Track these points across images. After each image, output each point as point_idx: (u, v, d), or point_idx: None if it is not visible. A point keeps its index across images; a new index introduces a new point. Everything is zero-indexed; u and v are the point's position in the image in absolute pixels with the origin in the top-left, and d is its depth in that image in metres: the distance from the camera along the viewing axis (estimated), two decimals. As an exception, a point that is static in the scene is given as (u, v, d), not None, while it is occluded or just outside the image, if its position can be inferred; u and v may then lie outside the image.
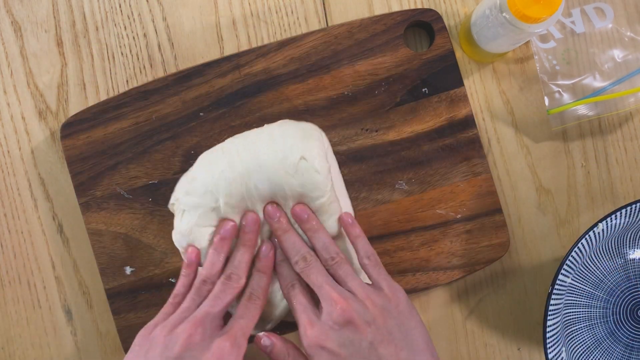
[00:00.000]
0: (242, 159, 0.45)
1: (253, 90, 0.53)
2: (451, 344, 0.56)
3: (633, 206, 0.50)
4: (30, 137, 0.56)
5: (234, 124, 0.53)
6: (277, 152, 0.44)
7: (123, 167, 0.53)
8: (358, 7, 0.56)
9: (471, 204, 0.53)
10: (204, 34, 0.56)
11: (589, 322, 0.55)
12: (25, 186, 0.56)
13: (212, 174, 0.45)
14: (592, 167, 0.56)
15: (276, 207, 0.46)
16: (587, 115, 0.56)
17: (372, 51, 0.54)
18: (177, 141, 0.53)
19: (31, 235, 0.55)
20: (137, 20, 0.56)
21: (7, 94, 0.56)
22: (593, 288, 0.55)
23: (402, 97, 0.54)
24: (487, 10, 0.49)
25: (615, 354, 0.55)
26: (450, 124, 0.54)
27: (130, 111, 0.53)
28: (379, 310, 0.42)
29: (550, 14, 0.45)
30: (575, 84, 0.56)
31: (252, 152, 0.45)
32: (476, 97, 0.56)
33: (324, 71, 0.53)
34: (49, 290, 0.55)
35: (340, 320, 0.41)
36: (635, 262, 0.56)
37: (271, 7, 0.56)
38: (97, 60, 0.56)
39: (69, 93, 0.56)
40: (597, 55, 0.56)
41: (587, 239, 0.50)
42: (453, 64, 0.54)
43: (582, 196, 0.56)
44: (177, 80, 0.53)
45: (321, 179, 0.44)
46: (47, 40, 0.56)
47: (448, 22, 0.56)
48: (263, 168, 0.44)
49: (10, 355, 0.55)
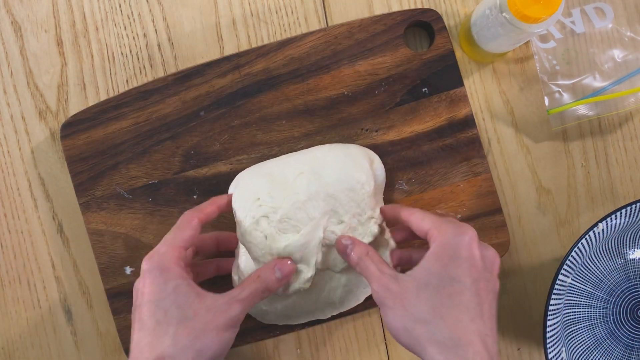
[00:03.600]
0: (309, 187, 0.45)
1: (253, 90, 0.53)
2: (451, 344, 0.56)
3: (633, 206, 0.50)
4: (30, 137, 0.56)
5: (234, 124, 0.53)
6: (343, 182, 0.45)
7: (123, 167, 0.53)
8: (358, 7, 0.56)
9: (471, 204, 0.53)
10: (204, 34, 0.56)
11: (589, 322, 0.55)
12: (25, 186, 0.55)
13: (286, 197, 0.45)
14: (592, 167, 0.56)
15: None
16: (587, 115, 0.56)
17: (372, 51, 0.54)
18: (177, 141, 0.53)
19: (31, 235, 0.55)
20: (137, 20, 0.56)
21: (7, 94, 0.56)
22: (593, 288, 0.55)
23: (402, 97, 0.54)
24: (487, 10, 0.49)
25: (615, 354, 0.55)
26: (450, 124, 0.54)
27: (130, 111, 0.53)
28: None
29: (550, 14, 0.45)
30: (575, 84, 0.56)
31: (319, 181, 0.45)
32: (476, 97, 0.56)
33: (324, 71, 0.53)
34: (49, 290, 0.55)
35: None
36: (635, 262, 0.56)
37: (271, 7, 0.56)
38: (97, 60, 0.56)
39: (69, 93, 0.56)
40: (597, 55, 0.56)
41: (587, 239, 0.50)
42: (453, 64, 0.54)
43: (582, 196, 0.56)
44: (177, 80, 0.53)
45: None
46: (47, 40, 0.56)
47: (448, 22, 0.56)
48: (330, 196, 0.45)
49: (10, 355, 0.55)
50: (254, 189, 0.45)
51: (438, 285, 0.39)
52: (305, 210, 0.44)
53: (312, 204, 0.44)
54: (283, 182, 0.45)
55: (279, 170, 0.46)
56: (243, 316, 0.42)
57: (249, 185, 0.46)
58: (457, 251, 0.39)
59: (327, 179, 0.45)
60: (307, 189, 0.44)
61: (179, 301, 0.40)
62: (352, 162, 0.46)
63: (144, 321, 0.40)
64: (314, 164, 0.46)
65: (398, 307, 0.39)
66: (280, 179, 0.45)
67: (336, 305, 0.49)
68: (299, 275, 0.45)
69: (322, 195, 0.44)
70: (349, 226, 0.45)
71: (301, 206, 0.44)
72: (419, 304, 0.38)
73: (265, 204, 0.44)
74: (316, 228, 0.44)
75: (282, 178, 0.45)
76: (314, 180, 0.45)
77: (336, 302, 0.49)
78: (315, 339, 0.55)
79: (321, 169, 0.46)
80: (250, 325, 0.52)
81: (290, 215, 0.44)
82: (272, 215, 0.44)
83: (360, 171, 0.46)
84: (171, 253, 0.41)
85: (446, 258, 0.39)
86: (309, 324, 0.52)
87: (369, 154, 0.49)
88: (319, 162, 0.46)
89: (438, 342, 0.37)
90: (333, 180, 0.45)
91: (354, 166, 0.46)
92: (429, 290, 0.39)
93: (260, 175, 0.46)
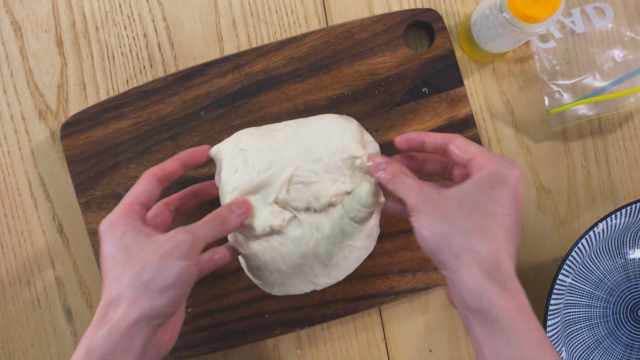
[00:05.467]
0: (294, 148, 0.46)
1: (253, 90, 0.53)
2: (451, 344, 0.56)
3: (633, 206, 0.50)
4: (30, 137, 0.56)
5: (234, 124, 0.53)
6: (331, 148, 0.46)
7: (123, 167, 0.53)
8: (358, 7, 0.56)
9: (471, 204, 0.53)
10: (204, 34, 0.56)
11: (589, 322, 0.55)
12: (25, 186, 0.55)
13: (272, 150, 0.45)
14: (592, 167, 0.56)
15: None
16: (587, 115, 0.56)
17: (372, 51, 0.54)
18: (177, 141, 0.53)
19: (31, 235, 0.55)
20: (137, 20, 0.56)
21: (7, 94, 0.56)
22: (593, 288, 0.55)
23: (402, 97, 0.54)
24: (487, 10, 0.49)
25: (615, 354, 0.55)
26: (450, 124, 0.54)
27: (130, 111, 0.53)
28: None
29: (550, 13, 0.45)
30: (575, 84, 0.56)
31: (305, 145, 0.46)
32: (476, 97, 0.56)
33: (324, 71, 0.53)
34: (49, 290, 0.55)
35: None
36: (635, 262, 0.56)
37: (271, 7, 0.56)
38: (97, 60, 0.56)
39: (69, 93, 0.56)
40: (597, 55, 0.56)
41: (587, 239, 0.50)
42: (453, 64, 0.54)
43: (582, 196, 0.56)
44: (177, 80, 0.53)
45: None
46: (47, 40, 0.56)
47: (448, 22, 0.56)
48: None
49: (10, 355, 0.55)
50: (239, 139, 0.46)
51: (482, 202, 0.38)
52: (278, 152, 0.45)
53: (288, 145, 0.45)
54: (269, 137, 0.46)
55: (268, 129, 0.48)
56: (197, 247, 0.39)
57: (236, 136, 0.47)
58: (507, 180, 0.39)
59: (309, 128, 0.46)
60: (286, 135, 0.46)
61: (125, 244, 0.39)
62: (339, 122, 0.47)
63: (103, 279, 0.39)
64: (301, 121, 0.48)
65: (438, 212, 0.38)
66: (267, 134, 0.47)
67: (325, 262, 0.48)
68: (259, 213, 0.45)
69: (298, 141, 0.46)
70: (325, 165, 0.45)
71: (277, 148, 0.45)
72: (461, 214, 0.38)
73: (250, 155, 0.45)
74: (284, 167, 0.45)
75: (269, 134, 0.47)
76: (296, 127, 0.46)
77: (324, 258, 0.48)
78: (316, 339, 0.55)
79: (305, 121, 0.48)
80: (250, 325, 0.52)
81: (263, 156, 0.45)
82: (249, 151, 0.45)
83: (348, 133, 0.46)
84: (121, 210, 0.41)
85: (495, 182, 0.39)
86: (308, 323, 0.52)
87: (362, 129, 0.49)
88: (306, 120, 0.48)
89: (474, 252, 0.37)
90: (313, 131, 0.46)
91: (341, 127, 0.47)
92: (473, 203, 0.38)
93: (248, 131, 0.48)
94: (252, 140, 0.46)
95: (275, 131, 0.47)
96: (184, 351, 0.53)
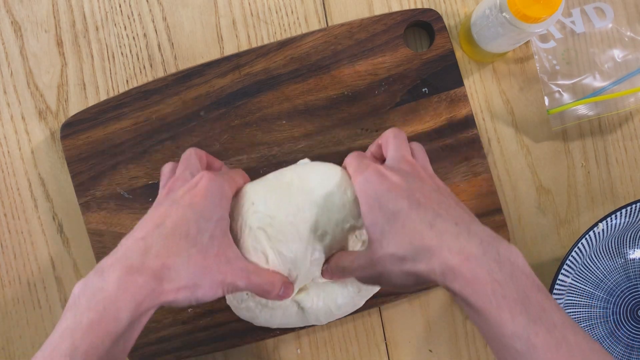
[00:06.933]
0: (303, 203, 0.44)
1: (253, 90, 0.53)
2: (451, 344, 0.56)
3: (633, 206, 0.50)
4: (30, 137, 0.56)
5: (234, 124, 0.53)
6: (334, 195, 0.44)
7: (123, 167, 0.53)
8: (358, 7, 0.56)
9: (471, 204, 0.53)
10: (204, 34, 0.56)
11: (589, 322, 0.55)
12: (25, 186, 0.56)
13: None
14: (592, 167, 0.57)
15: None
16: (587, 115, 0.56)
17: (372, 51, 0.54)
18: (177, 141, 0.53)
19: (31, 235, 0.55)
20: (137, 20, 0.56)
21: (7, 94, 0.56)
22: (593, 288, 0.55)
23: (402, 97, 0.54)
24: (487, 10, 0.49)
25: (615, 354, 0.55)
26: (450, 124, 0.54)
27: (130, 111, 0.53)
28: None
29: (550, 13, 0.45)
30: (575, 84, 0.56)
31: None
32: (476, 97, 0.56)
33: (324, 71, 0.53)
34: (49, 290, 0.55)
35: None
36: (635, 262, 0.56)
37: (271, 7, 0.56)
38: (97, 60, 0.56)
39: (69, 93, 0.56)
40: (597, 55, 0.56)
41: (587, 239, 0.50)
42: (453, 64, 0.54)
43: (582, 196, 0.56)
44: (177, 80, 0.53)
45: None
46: (47, 40, 0.56)
47: (448, 22, 0.56)
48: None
49: (10, 355, 0.55)
50: (249, 194, 0.45)
51: (385, 230, 0.38)
52: (295, 226, 0.43)
53: (301, 216, 0.43)
54: (278, 187, 0.45)
55: (274, 177, 0.46)
56: (236, 292, 0.41)
57: (245, 189, 0.45)
58: (371, 192, 0.39)
59: (312, 183, 0.44)
60: (295, 199, 0.44)
61: (215, 233, 0.39)
62: (334, 169, 0.46)
63: (171, 216, 0.38)
64: (301, 170, 0.46)
65: (379, 266, 0.38)
66: (275, 184, 0.45)
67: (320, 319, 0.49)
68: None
69: (307, 204, 0.43)
70: (333, 238, 0.44)
71: (293, 220, 0.43)
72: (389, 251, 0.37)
73: (260, 211, 0.43)
74: (306, 247, 0.43)
75: (276, 183, 0.45)
76: (300, 185, 0.44)
77: (320, 316, 0.49)
78: (315, 339, 0.55)
79: (308, 174, 0.46)
80: (250, 325, 0.52)
81: (284, 230, 0.43)
82: (268, 228, 0.43)
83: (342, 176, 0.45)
84: (230, 184, 0.42)
85: (370, 203, 0.39)
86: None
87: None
88: (306, 169, 0.46)
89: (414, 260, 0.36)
90: (316, 184, 0.44)
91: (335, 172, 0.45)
92: (386, 238, 0.38)
93: (257, 182, 0.46)
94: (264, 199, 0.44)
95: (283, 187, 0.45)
96: (184, 351, 0.53)
